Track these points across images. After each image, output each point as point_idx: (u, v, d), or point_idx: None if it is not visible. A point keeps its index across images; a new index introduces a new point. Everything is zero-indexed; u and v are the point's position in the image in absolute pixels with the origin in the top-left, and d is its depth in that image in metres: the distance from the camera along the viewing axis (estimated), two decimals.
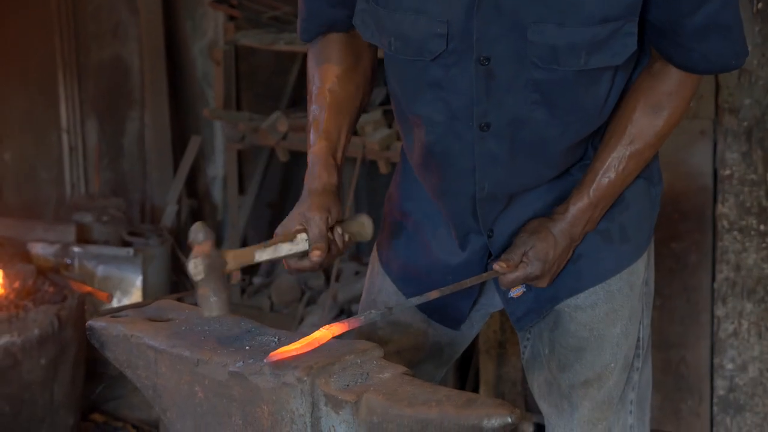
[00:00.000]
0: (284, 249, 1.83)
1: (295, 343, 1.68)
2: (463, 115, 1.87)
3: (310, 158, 1.93)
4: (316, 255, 1.82)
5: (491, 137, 1.88)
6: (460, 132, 1.89)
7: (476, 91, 1.84)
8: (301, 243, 1.84)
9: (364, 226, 1.93)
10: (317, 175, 1.90)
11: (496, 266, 1.97)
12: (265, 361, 1.65)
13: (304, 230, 1.83)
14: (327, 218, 1.84)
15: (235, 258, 1.76)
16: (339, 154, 1.94)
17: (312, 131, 1.95)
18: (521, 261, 1.97)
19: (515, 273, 1.97)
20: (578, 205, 1.97)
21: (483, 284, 2.09)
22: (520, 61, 1.80)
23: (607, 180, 1.96)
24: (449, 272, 2.03)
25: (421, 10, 1.81)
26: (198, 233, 1.72)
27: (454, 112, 1.87)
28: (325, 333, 1.69)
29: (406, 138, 2.02)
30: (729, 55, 1.90)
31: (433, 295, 1.89)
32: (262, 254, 1.80)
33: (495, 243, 2.02)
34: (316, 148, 1.93)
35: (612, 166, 1.95)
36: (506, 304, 2.09)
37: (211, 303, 1.71)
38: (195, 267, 1.70)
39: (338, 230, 1.87)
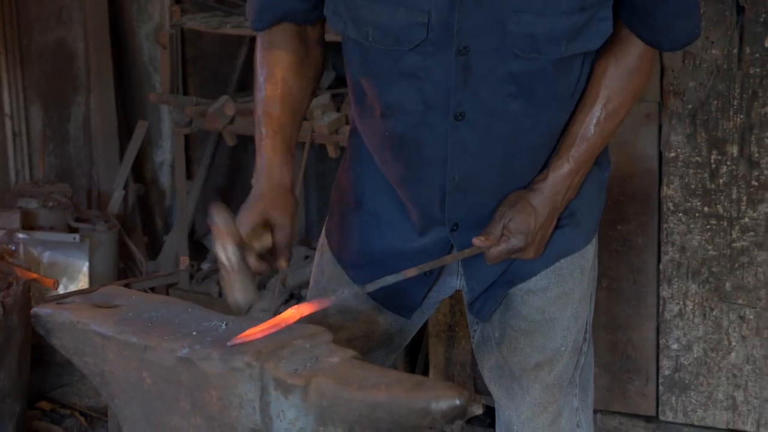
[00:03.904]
0: (265, 241, 1.78)
1: (264, 323, 1.66)
2: (437, 104, 1.86)
3: (265, 152, 1.88)
4: (282, 265, 1.80)
5: (465, 127, 1.87)
6: (432, 122, 1.88)
7: (454, 82, 1.83)
8: (266, 241, 1.79)
9: None
10: (278, 171, 1.86)
11: (476, 241, 1.93)
12: (229, 344, 1.64)
13: (270, 230, 1.79)
14: (294, 226, 1.81)
15: (260, 241, 1.73)
16: (293, 148, 1.91)
17: (264, 122, 1.91)
18: (502, 234, 1.94)
19: (498, 247, 1.94)
20: (558, 173, 1.95)
21: (442, 270, 2.08)
22: (498, 53, 1.80)
23: (586, 144, 1.94)
24: (406, 259, 1.99)
25: (401, 0, 1.79)
26: (220, 216, 1.67)
27: (428, 101, 1.86)
28: (294, 313, 1.67)
29: (370, 127, 1.98)
30: (692, 31, 1.94)
31: (411, 272, 1.85)
32: (260, 242, 1.77)
33: (457, 237, 2.00)
34: (271, 142, 1.89)
35: (590, 128, 1.93)
36: (467, 298, 2.09)
37: (246, 289, 1.70)
38: (228, 254, 1.67)
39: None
